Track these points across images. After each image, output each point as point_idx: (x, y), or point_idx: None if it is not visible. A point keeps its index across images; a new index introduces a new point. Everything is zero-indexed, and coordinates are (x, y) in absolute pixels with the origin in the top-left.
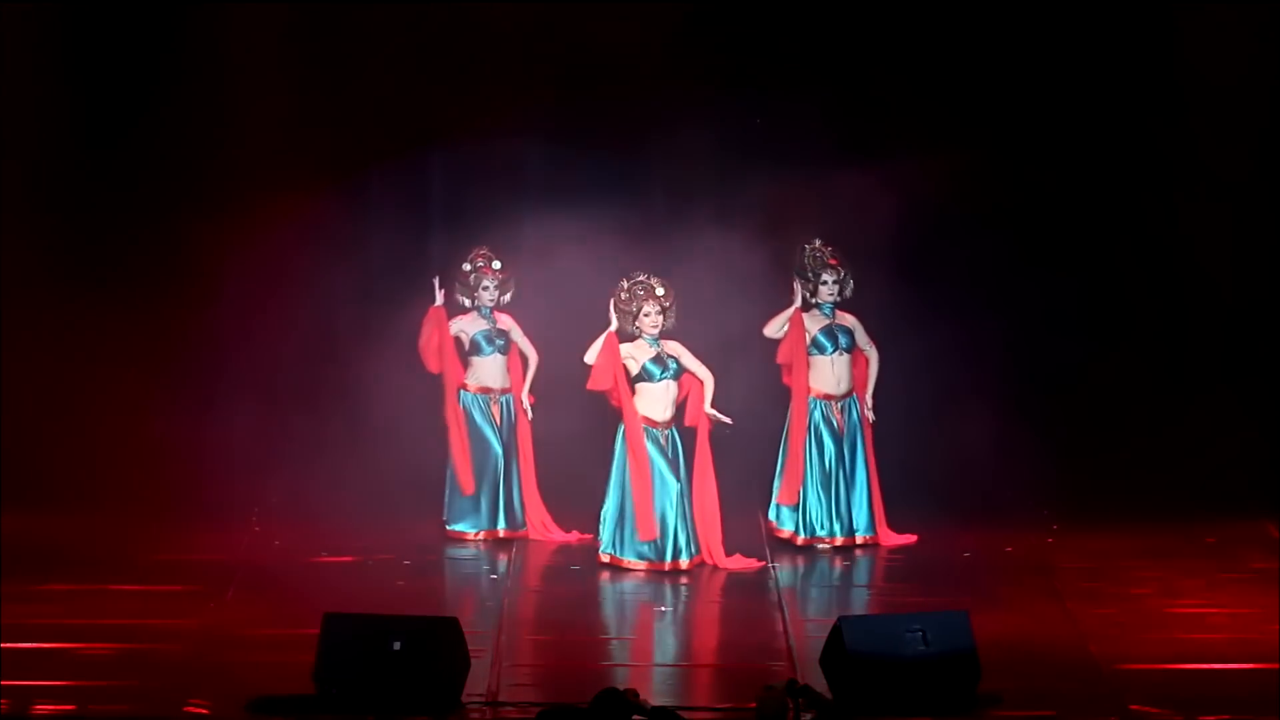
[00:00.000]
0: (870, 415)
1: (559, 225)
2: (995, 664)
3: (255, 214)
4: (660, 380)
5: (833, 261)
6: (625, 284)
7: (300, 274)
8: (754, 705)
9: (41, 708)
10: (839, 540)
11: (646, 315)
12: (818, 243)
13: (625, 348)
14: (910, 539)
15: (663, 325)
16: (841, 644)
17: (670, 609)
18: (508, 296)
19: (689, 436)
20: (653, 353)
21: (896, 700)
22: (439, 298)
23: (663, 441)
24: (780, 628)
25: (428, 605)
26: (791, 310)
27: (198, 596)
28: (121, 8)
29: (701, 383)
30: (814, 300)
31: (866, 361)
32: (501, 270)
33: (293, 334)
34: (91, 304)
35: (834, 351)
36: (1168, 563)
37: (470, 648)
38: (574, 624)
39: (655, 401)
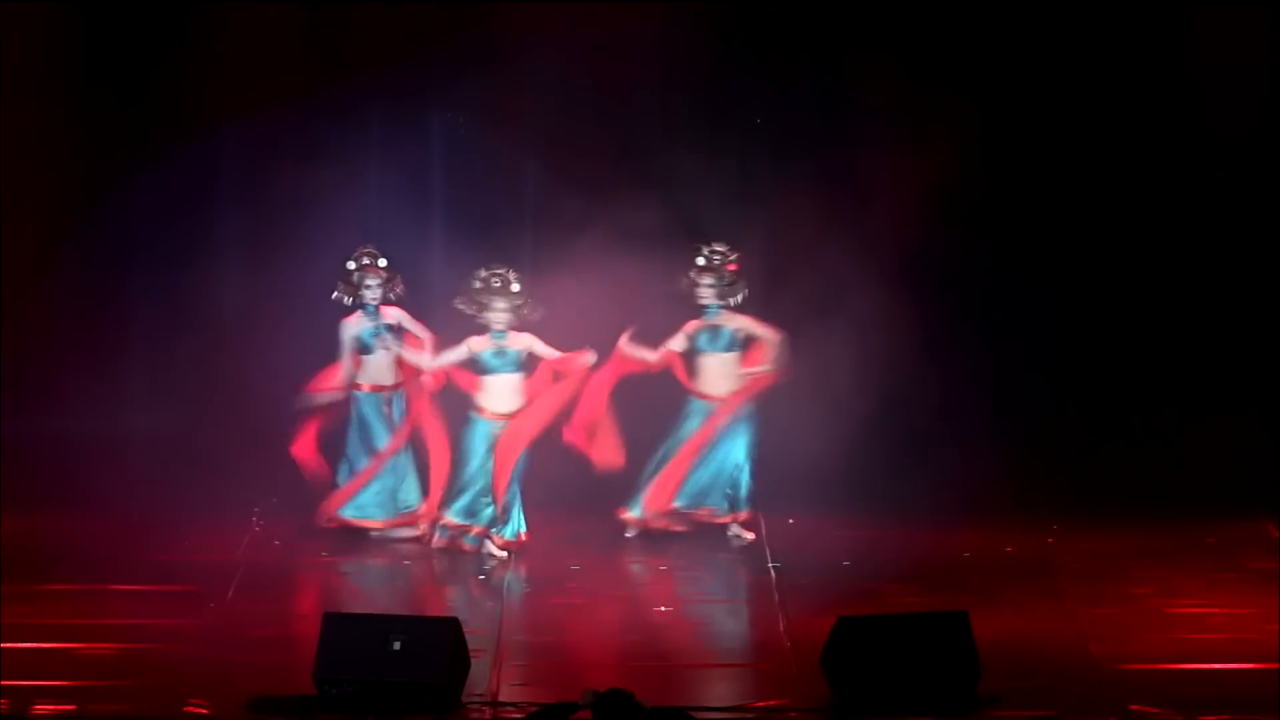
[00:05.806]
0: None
1: (560, 229)
2: (995, 664)
3: (254, 215)
4: (494, 374)
5: (730, 267)
6: (482, 273)
7: (301, 275)
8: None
9: (41, 708)
10: None
11: (493, 311)
12: (716, 246)
13: (471, 340)
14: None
15: (511, 321)
16: (841, 644)
17: (670, 609)
18: (394, 294)
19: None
20: (494, 346)
21: (896, 700)
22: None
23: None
24: (780, 627)
25: (428, 605)
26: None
27: (198, 596)
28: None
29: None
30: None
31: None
32: (387, 268)
33: (294, 334)
34: (91, 303)
35: (709, 352)
36: (1168, 563)
37: (470, 648)
38: (574, 624)
39: (494, 395)
